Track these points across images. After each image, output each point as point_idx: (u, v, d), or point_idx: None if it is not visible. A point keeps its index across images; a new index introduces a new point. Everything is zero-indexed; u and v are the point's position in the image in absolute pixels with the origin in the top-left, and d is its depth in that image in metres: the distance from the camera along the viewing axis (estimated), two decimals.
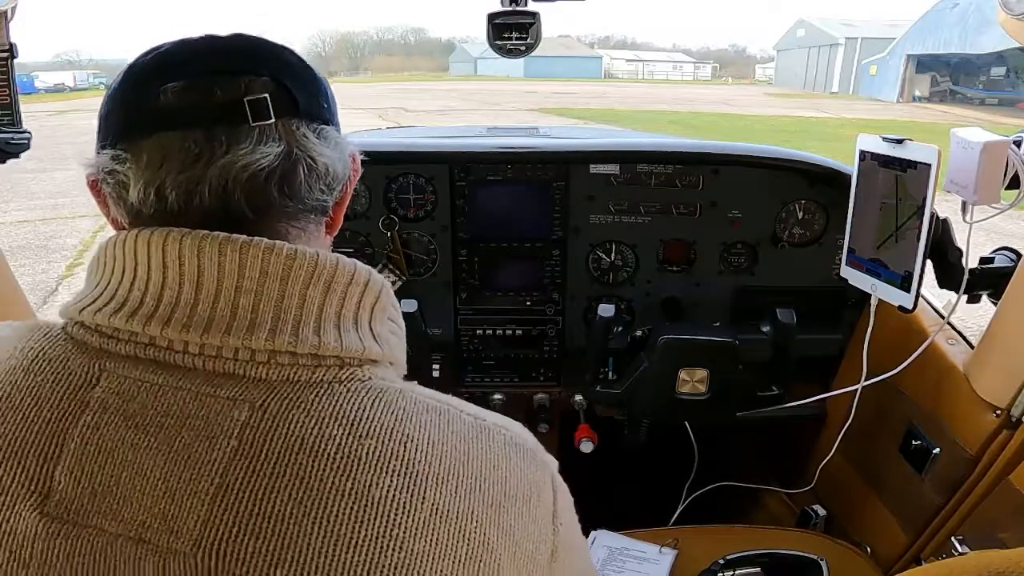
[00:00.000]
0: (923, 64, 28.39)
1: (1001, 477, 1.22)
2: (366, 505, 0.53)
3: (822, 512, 1.71)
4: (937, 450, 1.35)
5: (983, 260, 1.39)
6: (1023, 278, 1.22)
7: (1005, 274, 1.29)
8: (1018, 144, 1.21)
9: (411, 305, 1.55)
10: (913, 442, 1.42)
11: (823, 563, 1.35)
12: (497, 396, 1.81)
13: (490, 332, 1.78)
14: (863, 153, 1.35)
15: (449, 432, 0.60)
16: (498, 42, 1.35)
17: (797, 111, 22.85)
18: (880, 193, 1.32)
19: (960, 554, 1.26)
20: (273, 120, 0.61)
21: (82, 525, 0.54)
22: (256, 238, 0.59)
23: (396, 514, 0.54)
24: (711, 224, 1.69)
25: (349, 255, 0.65)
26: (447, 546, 0.55)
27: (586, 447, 1.71)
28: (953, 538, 1.30)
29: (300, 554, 0.52)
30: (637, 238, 1.71)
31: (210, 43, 0.64)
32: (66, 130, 14.35)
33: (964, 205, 1.24)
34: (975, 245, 1.32)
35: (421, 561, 0.54)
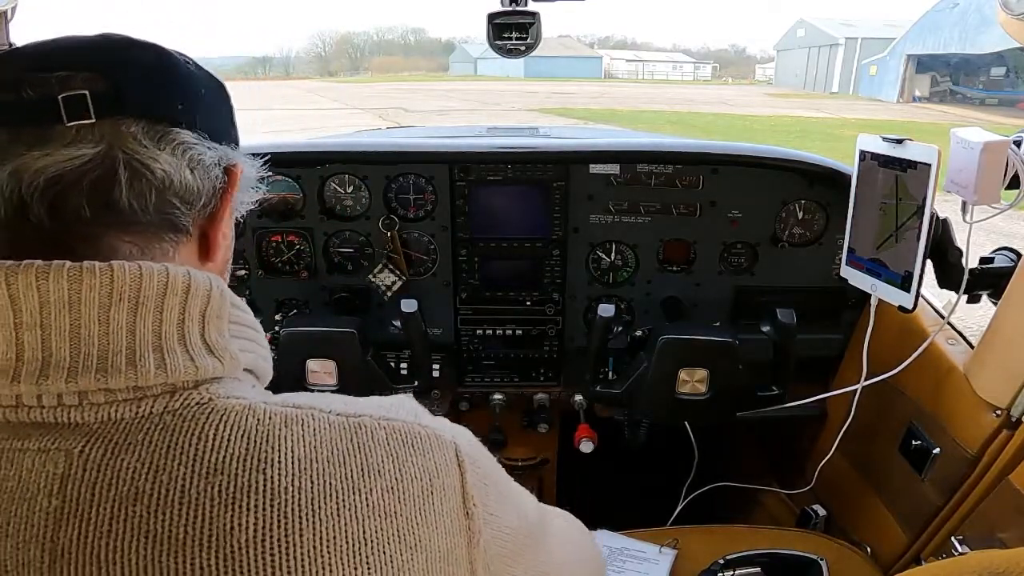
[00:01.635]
0: (923, 64, 28.38)
1: (1001, 477, 1.22)
2: (230, 553, 0.47)
3: (822, 512, 1.71)
4: (937, 450, 1.35)
5: (983, 260, 1.39)
6: (1023, 278, 1.22)
7: (1005, 274, 1.29)
8: (1018, 144, 1.21)
9: (411, 305, 1.55)
10: (913, 442, 1.42)
11: (823, 563, 1.35)
12: (497, 396, 1.81)
13: (490, 332, 1.78)
14: (863, 153, 1.35)
15: (316, 443, 0.52)
16: (498, 42, 1.35)
17: (797, 111, 22.84)
18: (880, 193, 1.32)
19: (960, 554, 1.26)
20: (93, 120, 0.53)
21: None
22: (26, 262, 0.50)
23: (270, 556, 0.47)
24: (711, 224, 1.68)
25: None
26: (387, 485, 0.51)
27: (586, 447, 1.71)
28: (953, 538, 1.29)
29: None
30: (637, 238, 1.71)
31: (47, 41, 0.58)
32: None
33: (964, 205, 1.24)
34: (975, 245, 1.32)
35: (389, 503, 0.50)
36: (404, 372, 1.63)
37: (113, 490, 0.47)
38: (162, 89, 0.58)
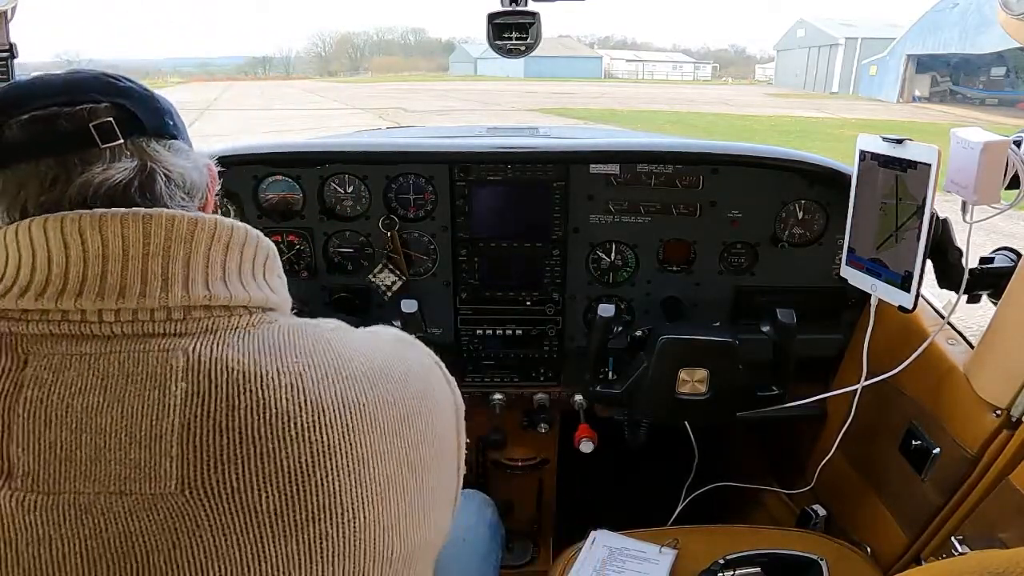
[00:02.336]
0: (923, 64, 28.38)
1: (1001, 477, 1.22)
2: (321, 412, 0.61)
3: (822, 512, 1.71)
4: (937, 450, 1.35)
5: (983, 260, 1.39)
6: (1023, 278, 1.22)
7: (1005, 274, 1.29)
8: (1018, 144, 1.21)
9: (411, 305, 1.55)
10: (913, 442, 1.42)
11: (823, 563, 1.35)
12: (497, 396, 1.81)
13: (490, 332, 1.78)
14: (863, 153, 1.35)
15: (353, 338, 0.71)
16: (498, 42, 1.35)
17: (797, 111, 22.84)
18: (880, 193, 1.32)
19: (960, 554, 1.26)
20: (122, 140, 0.67)
21: (56, 493, 0.56)
22: (155, 209, 0.64)
23: (349, 412, 0.63)
24: (711, 224, 1.68)
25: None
26: (395, 431, 0.66)
27: (586, 447, 1.71)
28: (953, 538, 1.29)
29: (281, 467, 0.58)
30: (637, 238, 1.71)
31: (44, 80, 0.69)
32: None
33: (964, 205, 1.24)
34: (975, 245, 1.32)
35: (379, 442, 0.64)
36: None
37: (225, 376, 0.59)
38: (155, 110, 0.71)
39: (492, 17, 1.33)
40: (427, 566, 0.73)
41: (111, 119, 0.66)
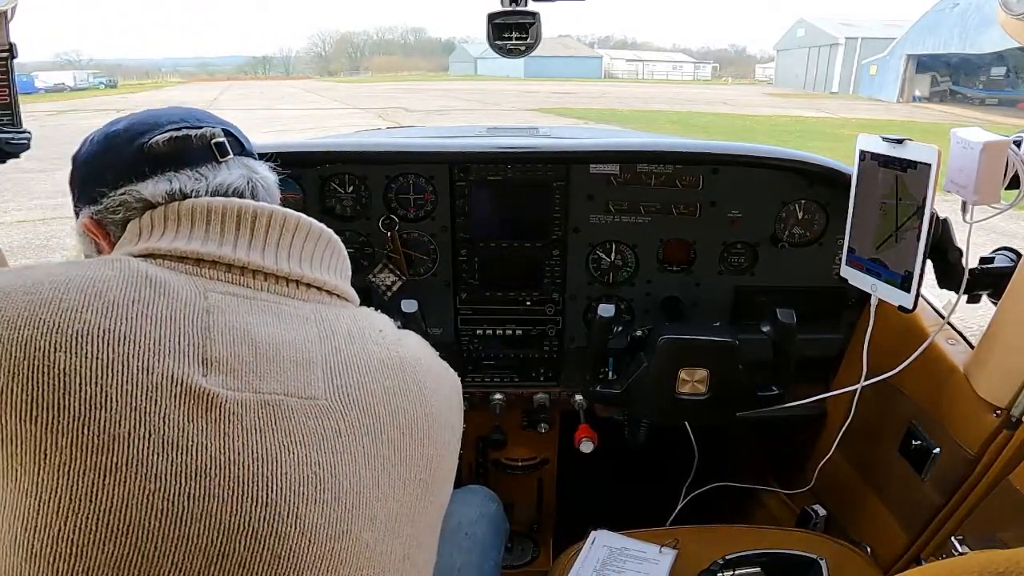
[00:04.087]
0: (923, 64, 28.37)
1: (1001, 477, 1.22)
2: (401, 361, 0.83)
3: (822, 512, 1.71)
4: (937, 450, 1.35)
5: (983, 260, 1.38)
6: (1023, 278, 1.22)
7: (1005, 274, 1.29)
8: (1018, 144, 1.20)
9: (411, 305, 1.55)
10: (913, 442, 1.42)
11: (823, 563, 1.35)
12: (497, 396, 1.81)
13: (490, 332, 1.78)
14: (863, 153, 1.35)
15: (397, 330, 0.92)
16: (498, 42, 1.35)
17: (797, 111, 22.84)
18: (880, 193, 1.32)
19: (960, 554, 1.26)
20: (231, 156, 0.88)
21: (241, 390, 0.70)
22: (279, 208, 0.85)
23: (416, 366, 0.85)
24: (711, 224, 1.68)
25: (349, 255, 0.87)
26: (439, 381, 0.89)
27: (586, 447, 1.71)
28: (953, 538, 1.30)
29: (384, 391, 0.79)
30: (637, 238, 1.70)
31: (164, 111, 0.90)
32: (66, 130, 14.34)
33: (964, 205, 1.24)
34: (975, 245, 1.32)
35: (438, 389, 0.87)
36: None
37: (341, 331, 0.82)
38: (244, 136, 0.94)
39: (492, 17, 1.33)
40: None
41: (224, 140, 0.87)
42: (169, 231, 0.79)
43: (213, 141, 0.86)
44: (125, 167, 0.83)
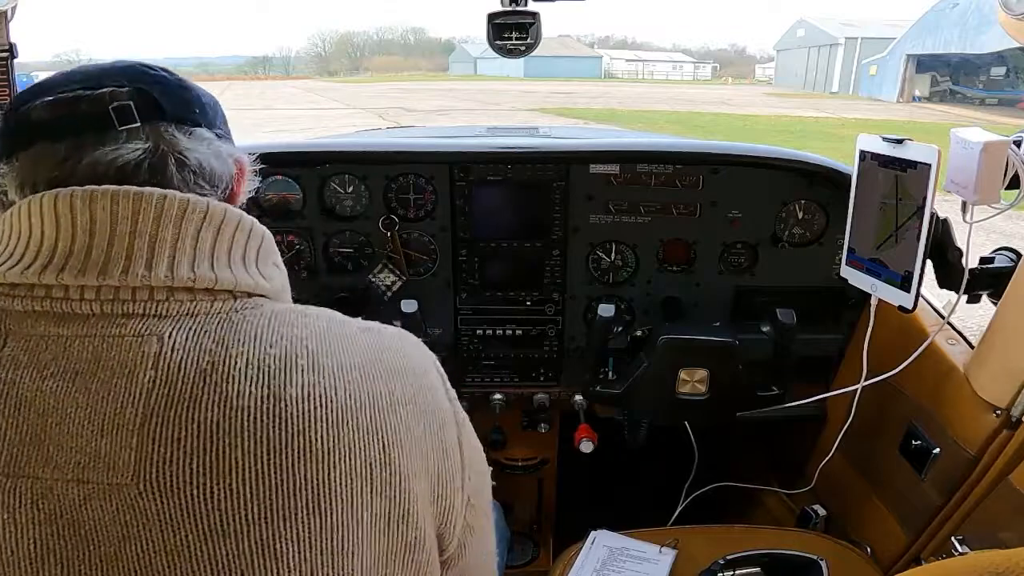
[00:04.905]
0: (923, 64, 28.36)
1: (1001, 477, 1.22)
2: (284, 406, 0.59)
3: (822, 512, 1.71)
4: (937, 450, 1.35)
5: (983, 260, 1.39)
6: (1023, 278, 1.22)
7: (1005, 274, 1.29)
8: (1018, 144, 1.21)
9: (411, 305, 1.54)
10: (913, 442, 1.42)
11: (823, 563, 1.35)
12: (497, 396, 1.81)
13: (490, 332, 1.78)
14: (863, 153, 1.35)
15: (343, 331, 0.68)
16: (498, 42, 1.35)
17: (797, 111, 22.84)
18: (880, 193, 1.32)
19: (960, 554, 1.26)
20: (139, 124, 0.67)
21: (16, 476, 0.56)
22: (148, 188, 0.64)
23: (319, 402, 0.61)
24: (711, 224, 1.68)
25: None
26: (367, 428, 0.63)
27: (586, 447, 1.71)
28: (953, 538, 1.30)
29: (235, 464, 0.57)
30: (637, 238, 1.70)
31: (83, 68, 0.72)
32: None
33: (964, 205, 1.24)
34: (975, 245, 1.32)
35: (348, 438, 0.61)
36: None
37: (195, 365, 0.59)
38: (183, 99, 0.72)
39: (492, 17, 1.33)
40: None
41: (130, 103, 0.67)
42: None
43: (113, 105, 0.66)
44: (7, 135, 0.68)
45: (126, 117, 0.66)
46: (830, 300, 1.72)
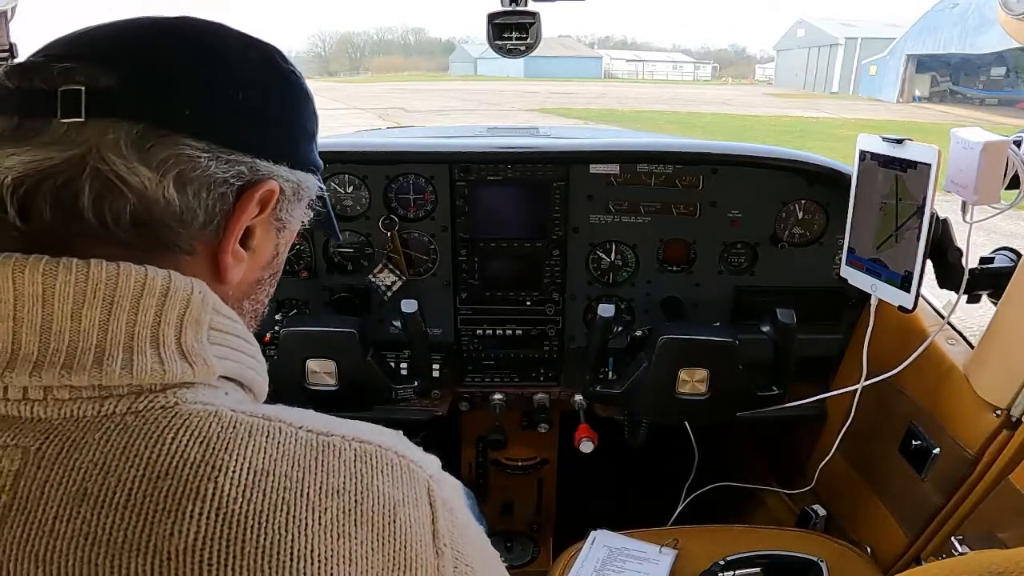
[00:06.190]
0: (923, 64, 28.37)
1: (1001, 477, 1.22)
2: (166, 560, 0.45)
3: (822, 512, 1.71)
4: (937, 450, 1.35)
5: (983, 260, 1.39)
6: (1023, 278, 1.22)
7: (1005, 274, 1.29)
8: (1018, 144, 1.21)
9: (411, 305, 1.55)
10: (913, 442, 1.42)
11: (823, 564, 1.35)
12: (497, 396, 1.81)
13: (490, 332, 1.78)
14: (863, 153, 1.35)
15: (277, 456, 0.50)
16: (498, 42, 1.35)
17: (797, 111, 22.85)
18: (880, 193, 1.32)
19: (960, 554, 1.26)
20: (83, 119, 0.50)
21: None
22: (3, 255, 0.48)
23: (207, 566, 0.45)
24: (711, 224, 1.69)
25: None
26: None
27: (586, 447, 1.71)
28: (953, 538, 1.29)
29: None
30: (637, 238, 1.71)
31: (91, 27, 0.56)
32: None
33: (964, 205, 1.24)
34: (975, 245, 1.32)
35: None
36: (404, 372, 1.63)
37: (62, 489, 0.46)
38: (174, 90, 0.53)
39: (492, 17, 1.33)
40: None
41: (82, 88, 0.50)
42: None
43: (63, 87, 0.50)
44: None
45: (71, 106, 0.49)
46: (830, 300, 1.72)
